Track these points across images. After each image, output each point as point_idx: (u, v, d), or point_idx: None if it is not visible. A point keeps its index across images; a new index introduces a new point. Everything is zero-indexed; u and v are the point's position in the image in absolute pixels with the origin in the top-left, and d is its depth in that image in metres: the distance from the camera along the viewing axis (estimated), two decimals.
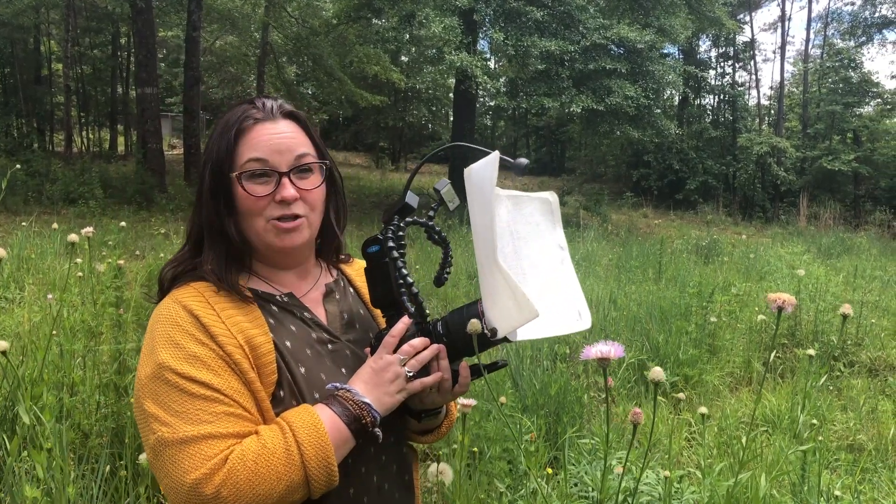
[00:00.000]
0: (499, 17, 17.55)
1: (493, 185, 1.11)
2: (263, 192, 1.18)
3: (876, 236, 18.44)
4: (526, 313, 1.09)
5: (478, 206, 1.15)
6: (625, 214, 21.74)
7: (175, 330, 1.11)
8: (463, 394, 1.27)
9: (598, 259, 10.29)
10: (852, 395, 5.48)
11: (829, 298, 7.63)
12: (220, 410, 1.06)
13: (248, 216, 1.20)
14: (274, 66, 22.19)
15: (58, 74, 26.20)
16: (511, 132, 39.54)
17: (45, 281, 6.55)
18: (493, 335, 1.16)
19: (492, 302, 1.15)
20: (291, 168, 1.20)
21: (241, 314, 1.16)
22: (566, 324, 1.23)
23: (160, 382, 1.07)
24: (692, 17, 19.91)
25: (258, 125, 1.20)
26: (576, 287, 1.26)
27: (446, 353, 1.21)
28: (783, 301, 1.45)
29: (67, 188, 13.68)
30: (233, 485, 1.01)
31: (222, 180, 1.19)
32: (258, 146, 1.18)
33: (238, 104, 1.25)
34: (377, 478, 1.25)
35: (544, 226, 1.28)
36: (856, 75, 26.85)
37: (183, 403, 1.05)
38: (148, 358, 1.11)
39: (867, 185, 26.08)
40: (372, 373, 1.17)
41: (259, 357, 1.14)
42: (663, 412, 4.65)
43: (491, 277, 1.13)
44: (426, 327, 1.23)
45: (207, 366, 1.08)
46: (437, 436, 1.44)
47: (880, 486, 4.12)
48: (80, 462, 2.98)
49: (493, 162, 1.11)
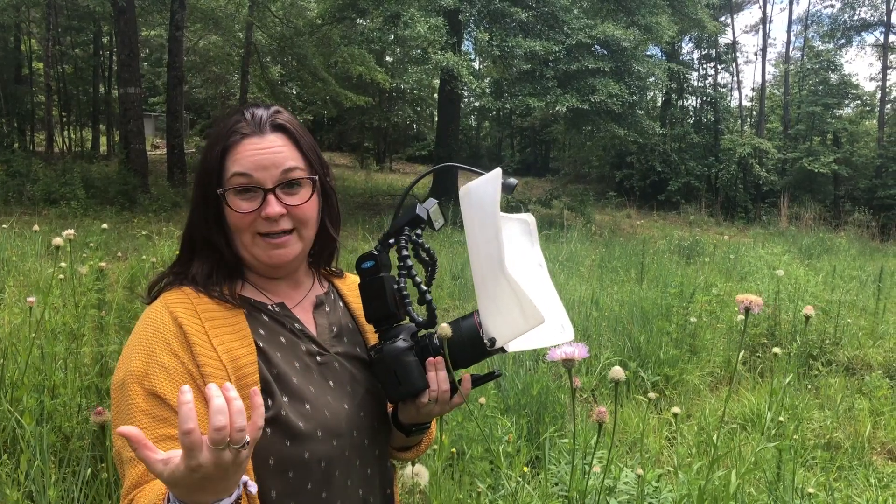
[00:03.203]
0: (483, 18, 17.61)
1: (495, 201, 1.14)
2: (249, 207, 1.18)
3: (855, 236, 18.69)
4: (531, 320, 1.12)
5: (478, 220, 1.18)
6: (608, 215, 21.87)
7: (155, 338, 1.12)
8: (460, 405, 1.28)
9: (581, 260, 10.36)
10: (830, 393, 5.56)
11: (808, 298, 7.73)
12: (168, 434, 1.06)
13: (236, 231, 1.21)
14: (258, 66, 22.10)
15: (39, 73, 25.94)
16: (496, 132, 39.63)
17: (26, 283, 6.50)
18: (492, 345, 1.19)
19: (495, 312, 1.18)
20: (277, 184, 1.19)
21: (226, 325, 1.17)
22: (550, 336, 1.26)
23: (124, 393, 1.09)
24: (675, 18, 20.08)
25: (244, 140, 1.19)
26: (557, 301, 1.30)
27: (444, 365, 1.22)
28: (750, 302, 1.49)
29: (49, 189, 13.57)
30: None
31: (211, 194, 1.20)
32: (244, 162, 1.18)
33: (230, 114, 1.25)
34: (363, 491, 1.26)
35: (524, 245, 1.33)
36: (835, 77, 27.20)
37: (135, 420, 1.06)
38: (123, 362, 1.13)
39: (847, 185, 26.42)
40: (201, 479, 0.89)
41: (239, 368, 1.14)
42: (643, 412, 4.70)
43: (494, 288, 1.16)
44: (422, 341, 1.23)
45: (173, 381, 1.08)
46: (417, 452, 1.46)
47: (856, 484, 4.20)
48: (61, 465, 2.97)
49: (495, 179, 1.15)
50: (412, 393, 1.22)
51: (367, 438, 1.28)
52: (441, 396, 1.22)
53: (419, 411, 1.25)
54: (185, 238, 1.27)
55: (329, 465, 1.18)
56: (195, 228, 1.24)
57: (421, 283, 1.23)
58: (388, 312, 1.24)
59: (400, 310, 1.25)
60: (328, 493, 1.19)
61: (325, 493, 1.18)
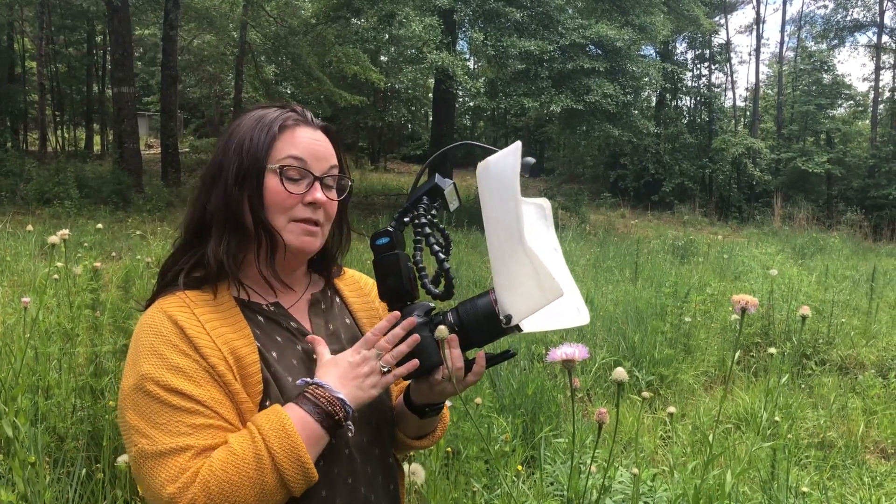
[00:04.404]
0: (478, 18, 17.60)
1: (516, 173, 1.13)
2: (296, 190, 1.20)
3: (848, 236, 18.76)
4: (549, 294, 1.11)
5: (497, 193, 1.17)
6: (603, 215, 21.91)
7: (158, 340, 1.11)
8: (474, 384, 1.27)
9: (576, 259, 10.38)
10: (823, 392, 5.59)
11: (801, 298, 7.76)
12: (199, 422, 1.07)
13: (273, 211, 1.20)
14: (252, 65, 22.06)
15: (32, 72, 25.85)
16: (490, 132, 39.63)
17: (20, 283, 6.48)
18: (508, 322, 1.18)
19: (511, 287, 1.17)
20: (324, 175, 1.23)
21: (226, 325, 1.17)
22: (566, 318, 1.26)
23: (141, 394, 1.08)
24: (670, 16, 20.11)
25: (300, 126, 1.23)
26: (573, 284, 1.29)
27: (458, 343, 1.21)
28: (746, 302, 1.50)
29: (42, 188, 13.51)
30: (206, 496, 1.02)
31: (254, 169, 1.19)
32: (299, 145, 1.21)
33: (266, 106, 1.26)
34: (364, 489, 1.26)
35: (539, 228, 1.32)
36: (828, 77, 27.31)
37: (162, 415, 1.06)
38: (131, 369, 1.12)
39: (840, 185, 26.53)
40: (348, 367, 1.16)
41: (244, 368, 1.14)
42: (639, 411, 4.72)
43: (512, 262, 1.15)
44: (437, 318, 1.23)
45: (189, 377, 1.09)
46: (432, 440, 1.45)
47: (849, 482, 4.22)
48: (55, 466, 2.97)
49: (514, 151, 1.14)
50: (426, 369, 1.22)
51: (367, 436, 1.28)
52: (455, 374, 1.22)
53: (433, 389, 1.25)
54: (194, 218, 1.24)
55: (328, 462, 1.18)
56: (222, 203, 1.20)
57: (439, 252, 1.22)
58: (403, 290, 1.23)
59: (415, 288, 1.25)
60: (328, 491, 1.19)
61: (325, 492, 1.18)
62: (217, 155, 1.24)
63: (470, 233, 12.40)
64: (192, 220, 1.24)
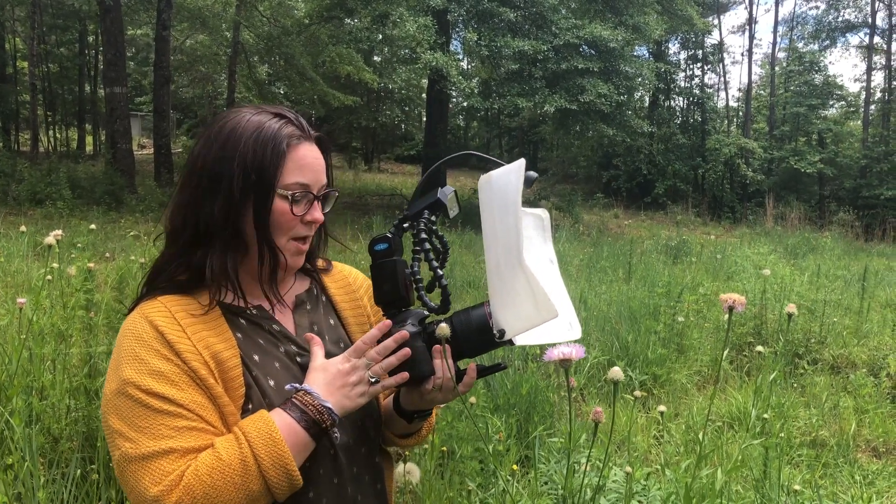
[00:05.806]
0: (472, 18, 17.64)
1: (518, 191, 1.14)
2: (300, 212, 1.21)
3: (840, 236, 18.86)
4: (545, 314, 1.12)
5: (498, 209, 1.18)
6: (596, 215, 21.96)
7: (139, 345, 1.12)
8: (464, 394, 1.27)
9: (569, 259, 10.40)
10: (815, 391, 5.62)
11: (793, 298, 7.80)
12: (181, 425, 1.07)
13: (276, 230, 1.20)
14: (245, 65, 22.01)
15: (23, 72, 25.73)
16: (484, 132, 39.70)
17: (13, 284, 6.45)
18: (501, 336, 1.19)
19: (507, 303, 1.17)
20: (321, 193, 1.25)
21: (208, 329, 1.17)
22: (558, 333, 1.26)
23: (124, 398, 1.09)
24: (664, 16, 20.18)
25: (303, 144, 1.22)
26: (566, 298, 1.29)
27: (451, 353, 1.22)
28: (734, 301, 1.52)
29: (34, 189, 13.44)
30: (190, 499, 1.03)
31: (261, 186, 1.17)
32: (305, 170, 1.21)
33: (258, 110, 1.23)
34: (350, 489, 1.26)
35: (537, 240, 1.33)
36: (819, 78, 27.45)
37: (145, 419, 1.07)
38: (113, 374, 1.12)
39: (831, 185, 26.67)
40: (337, 374, 1.17)
41: (226, 371, 1.14)
42: (632, 411, 4.74)
43: (509, 279, 1.16)
44: (430, 327, 1.23)
45: (170, 381, 1.09)
46: (417, 439, 1.46)
47: (841, 481, 4.25)
48: (50, 466, 2.96)
49: (518, 169, 1.16)
50: (416, 380, 1.22)
51: (353, 436, 1.28)
52: (445, 384, 1.23)
53: (423, 398, 1.26)
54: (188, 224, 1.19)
55: (314, 463, 1.19)
56: (223, 214, 1.17)
57: (437, 267, 1.23)
58: (399, 296, 1.24)
59: (410, 294, 1.25)
60: (315, 492, 1.19)
61: (312, 493, 1.19)
62: (208, 159, 1.18)
63: (464, 233, 12.42)
64: (185, 227, 1.19)
